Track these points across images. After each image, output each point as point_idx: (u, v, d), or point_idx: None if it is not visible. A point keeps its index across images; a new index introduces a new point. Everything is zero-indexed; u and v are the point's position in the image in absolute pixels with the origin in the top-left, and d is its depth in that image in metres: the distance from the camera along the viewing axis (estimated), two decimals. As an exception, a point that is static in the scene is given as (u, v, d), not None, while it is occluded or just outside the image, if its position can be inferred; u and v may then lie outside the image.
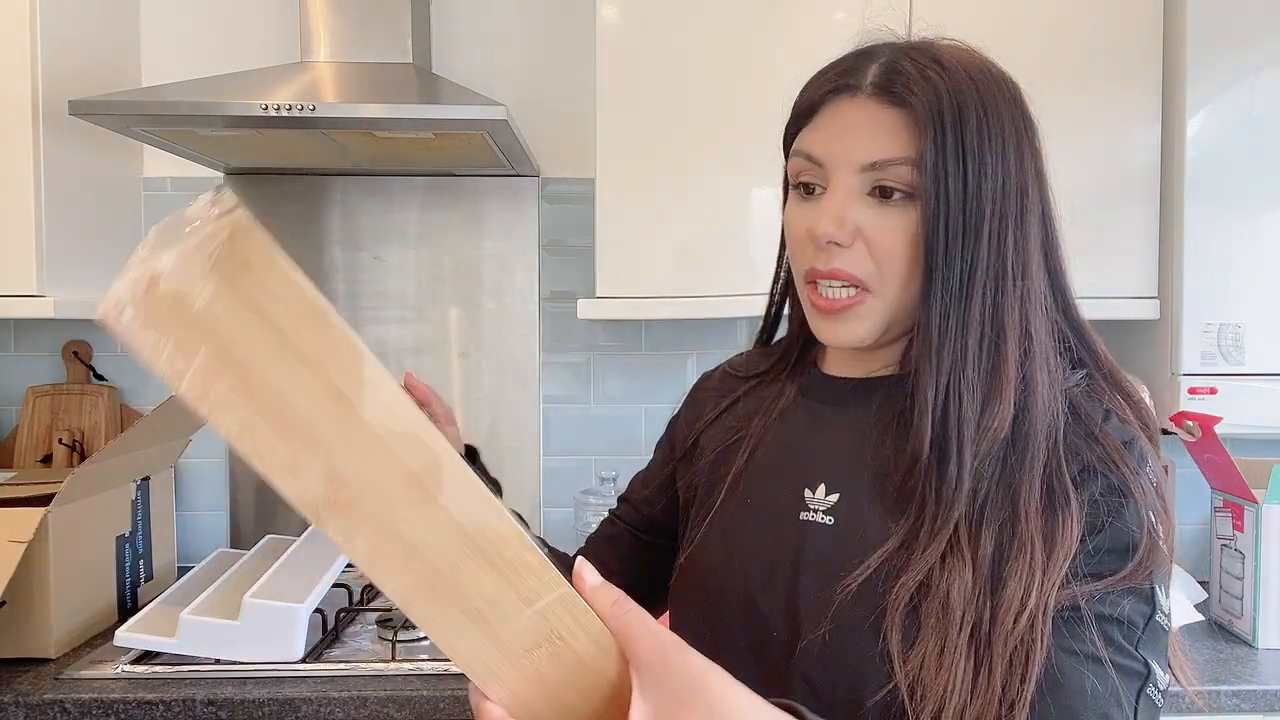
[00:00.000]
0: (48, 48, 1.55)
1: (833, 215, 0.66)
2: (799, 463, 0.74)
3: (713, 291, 1.59)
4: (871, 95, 0.66)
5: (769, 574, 0.70)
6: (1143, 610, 0.62)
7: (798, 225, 0.70)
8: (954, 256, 0.64)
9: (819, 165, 0.68)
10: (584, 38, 1.81)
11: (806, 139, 0.70)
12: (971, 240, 0.64)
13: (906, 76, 0.65)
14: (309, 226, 1.89)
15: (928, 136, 0.64)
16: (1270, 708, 1.32)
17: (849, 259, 0.67)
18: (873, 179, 0.66)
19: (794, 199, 0.72)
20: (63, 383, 1.87)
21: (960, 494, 0.62)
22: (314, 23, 1.66)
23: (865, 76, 0.67)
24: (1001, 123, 0.66)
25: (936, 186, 0.64)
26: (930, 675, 0.58)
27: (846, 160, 0.67)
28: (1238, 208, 1.58)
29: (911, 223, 0.66)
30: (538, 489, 1.93)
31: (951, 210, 0.64)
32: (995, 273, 0.65)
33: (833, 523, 0.69)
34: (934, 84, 0.65)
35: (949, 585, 0.60)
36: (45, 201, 1.55)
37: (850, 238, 0.66)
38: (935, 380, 0.64)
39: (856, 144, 0.66)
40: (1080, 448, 0.64)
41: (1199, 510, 1.81)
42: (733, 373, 0.88)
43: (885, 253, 0.66)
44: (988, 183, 0.64)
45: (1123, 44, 1.59)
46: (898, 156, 0.65)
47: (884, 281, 0.67)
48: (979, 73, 0.67)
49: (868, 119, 0.66)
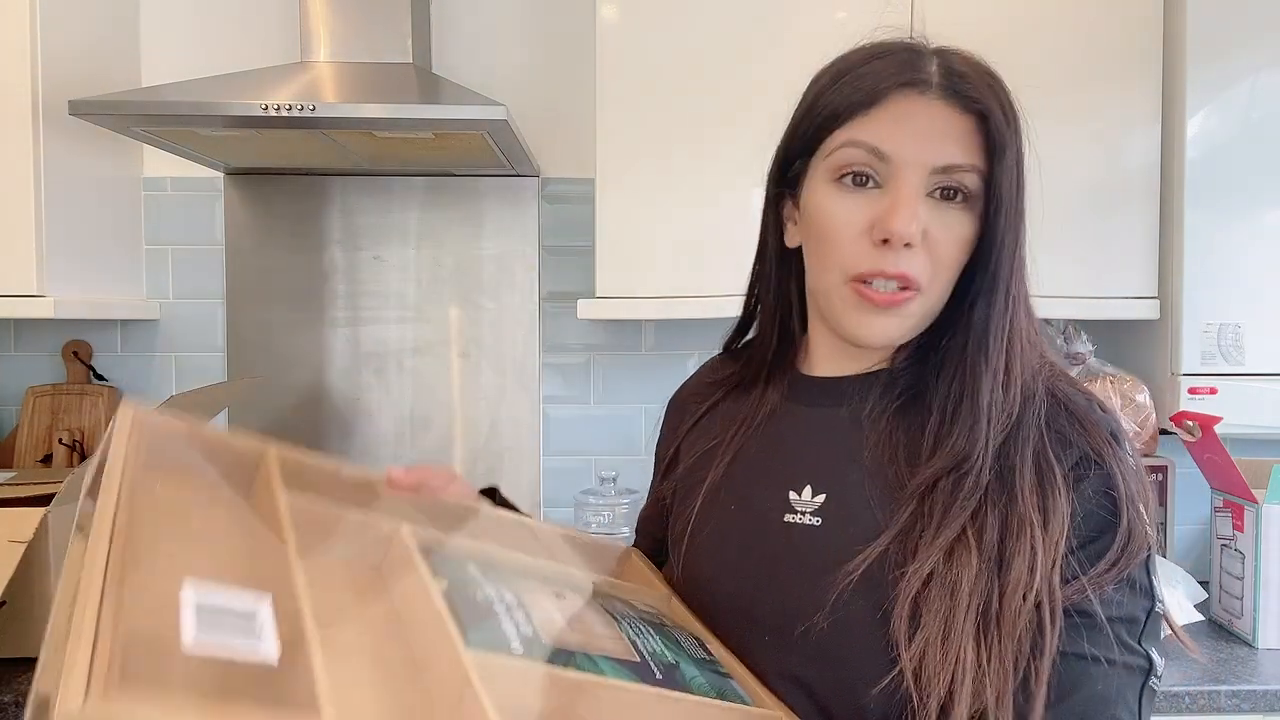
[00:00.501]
0: (48, 48, 1.55)
1: (912, 214, 0.65)
2: (784, 466, 0.73)
3: (713, 291, 1.59)
4: (940, 96, 0.66)
5: (758, 580, 0.70)
6: (1144, 605, 0.63)
7: (852, 219, 0.67)
8: (1004, 262, 0.67)
9: (884, 160, 0.66)
10: (584, 38, 1.81)
11: (869, 130, 0.67)
12: (1011, 247, 0.67)
13: (973, 82, 0.66)
14: (309, 226, 1.89)
15: (1008, 148, 0.65)
16: (1270, 708, 1.32)
17: (914, 260, 0.66)
18: (937, 181, 0.66)
19: (836, 190, 0.68)
20: (63, 383, 1.87)
21: (980, 485, 0.64)
22: (314, 23, 1.67)
23: (931, 74, 0.66)
24: (1025, 134, 0.68)
25: (1005, 195, 0.66)
26: (935, 660, 0.59)
27: (918, 160, 0.65)
28: (1238, 208, 1.58)
29: (968, 228, 0.67)
30: (538, 489, 1.92)
31: (1007, 219, 0.66)
32: (1017, 278, 0.68)
33: (820, 523, 0.69)
34: (996, 94, 0.66)
35: (959, 573, 0.61)
36: (45, 201, 1.55)
37: (920, 239, 0.66)
38: (993, 384, 0.66)
39: (930, 145, 0.65)
40: (1064, 429, 0.65)
41: (1199, 510, 1.81)
42: (707, 380, 0.87)
43: (944, 256, 0.67)
44: (1023, 192, 0.68)
45: (1123, 44, 1.59)
46: (968, 164, 0.66)
47: (932, 283, 0.67)
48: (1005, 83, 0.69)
49: (941, 121, 0.66)
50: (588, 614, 0.60)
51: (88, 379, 1.87)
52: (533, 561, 0.67)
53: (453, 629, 0.45)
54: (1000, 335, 0.67)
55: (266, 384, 1.88)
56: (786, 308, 0.78)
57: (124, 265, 1.83)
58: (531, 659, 0.48)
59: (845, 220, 0.67)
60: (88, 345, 1.88)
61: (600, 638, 0.56)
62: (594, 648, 0.54)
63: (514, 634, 0.50)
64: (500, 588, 0.55)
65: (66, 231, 1.61)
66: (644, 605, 0.70)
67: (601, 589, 0.69)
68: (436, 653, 0.44)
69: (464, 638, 0.44)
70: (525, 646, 0.49)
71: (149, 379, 1.90)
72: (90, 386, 1.86)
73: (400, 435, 1.91)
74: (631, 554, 0.83)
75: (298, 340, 1.90)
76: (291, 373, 1.90)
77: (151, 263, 1.89)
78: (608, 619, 0.61)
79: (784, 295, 0.78)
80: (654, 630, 0.63)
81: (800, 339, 0.80)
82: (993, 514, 0.63)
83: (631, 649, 0.57)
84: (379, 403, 1.91)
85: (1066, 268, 1.60)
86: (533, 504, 1.92)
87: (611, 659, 0.54)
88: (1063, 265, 1.59)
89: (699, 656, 0.63)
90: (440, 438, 1.91)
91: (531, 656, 0.49)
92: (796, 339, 0.80)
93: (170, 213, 1.89)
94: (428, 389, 1.91)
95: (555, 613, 0.56)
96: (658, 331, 1.92)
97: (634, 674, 0.53)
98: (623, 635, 0.58)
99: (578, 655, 0.51)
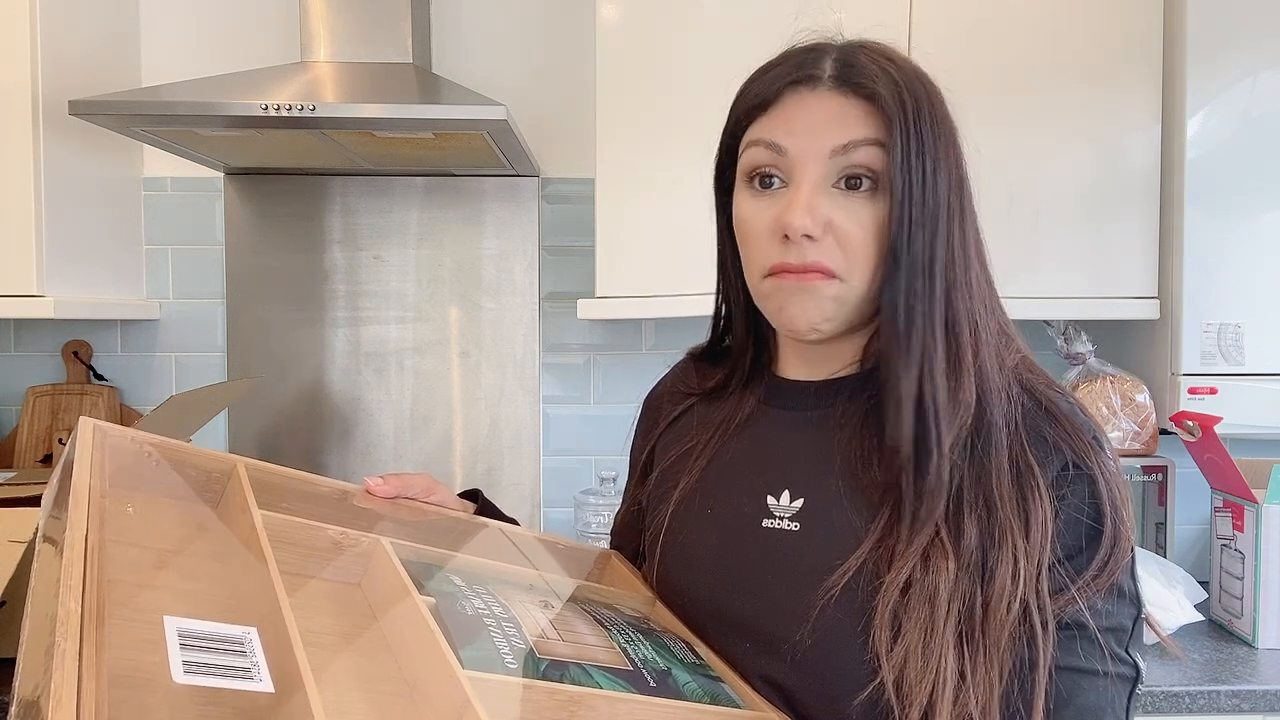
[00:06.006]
0: (48, 48, 1.55)
1: (804, 206, 0.64)
2: (761, 471, 0.73)
3: (713, 291, 1.59)
4: (832, 87, 0.66)
5: (735, 585, 0.69)
6: (1130, 612, 0.63)
7: (759, 220, 0.68)
8: (917, 246, 0.64)
9: (782, 154, 0.67)
10: (584, 38, 1.81)
11: (767, 127, 0.68)
12: (930, 230, 0.64)
13: (865, 69, 0.65)
14: (309, 226, 1.89)
15: (895, 125, 0.63)
16: (1270, 708, 1.32)
17: (821, 251, 0.65)
18: (840, 165, 0.65)
19: (748, 194, 0.70)
20: (63, 383, 1.87)
21: (942, 486, 0.62)
22: (314, 23, 1.67)
23: (823, 69, 0.67)
24: (946, 121, 0.67)
25: (904, 175, 0.63)
26: (915, 669, 0.58)
27: (813, 147, 0.65)
28: (1238, 208, 1.58)
29: (878, 214, 0.65)
30: (538, 489, 1.92)
31: (914, 199, 0.64)
32: (948, 263, 0.65)
33: (798, 528, 0.68)
34: (893, 77, 0.65)
35: (936, 579, 0.60)
36: (45, 201, 1.55)
37: (822, 230, 0.65)
38: (909, 370, 0.64)
39: (822, 131, 0.65)
40: (1042, 428, 0.64)
41: (1199, 510, 1.81)
42: (684, 382, 0.86)
43: (854, 244, 0.65)
44: (941, 175, 0.65)
45: (1123, 44, 1.59)
46: (865, 137, 0.64)
47: (850, 272, 0.66)
48: (921, 72, 0.68)
49: (833, 107, 0.66)
50: (576, 622, 0.60)
51: (88, 379, 1.87)
52: (515, 570, 0.66)
53: (447, 649, 0.44)
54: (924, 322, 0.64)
55: (266, 384, 1.88)
56: (755, 312, 0.77)
57: (124, 265, 1.83)
58: (527, 675, 0.48)
59: (755, 221, 0.69)
60: (88, 345, 1.88)
61: (592, 647, 0.56)
62: (587, 658, 0.54)
63: (507, 649, 0.50)
64: (488, 600, 0.55)
65: (66, 231, 1.61)
66: (629, 609, 0.70)
67: (586, 595, 0.69)
68: (432, 673, 0.44)
69: (459, 657, 0.44)
70: (519, 661, 0.49)
71: (149, 379, 1.90)
72: (90, 386, 1.87)
73: (400, 435, 1.91)
74: (611, 557, 0.83)
75: (298, 340, 1.90)
76: (291, 373, 1.90)
77: (151, 263, 1.89)
78: (596, 626, 0.61)
79: (750, 301, 0.77)
80: (643, 636, 0.63)
81: (773, 343, 0.79)
82: (970, 518, 0.62)
83: (623, 657, 0.57)
84: (379, 403, 1.91)
85: (1067, 268, 1.60)
86: (533, 504, 1.92)
87: (605, 669, 0.53)
88: (1063, 265, 1.59)
89: (689, 661, 0.63)
90: (440, 438, 1.91)
91: (527, 672, 0.48)
92: (770, 343, 0.79)
93: (170, 213, 1.89)
94: (428, 389, 1.91)
95: (545, 623, 0.56)
96: (658, 331, 1.92)
97: (629, 683, 0.53)
98: (614, 644, 0.58)
99: (571, 667, 0.51)
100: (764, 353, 0.80)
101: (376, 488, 0.73)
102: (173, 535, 0.49)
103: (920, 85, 0.66)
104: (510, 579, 0.65)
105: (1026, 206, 1.60)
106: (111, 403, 1.86)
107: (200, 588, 0.44)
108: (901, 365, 0.64)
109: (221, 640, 0.39)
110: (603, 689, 0.51)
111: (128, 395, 1.90)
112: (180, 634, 0.38)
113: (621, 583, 0.78)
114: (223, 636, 0.39)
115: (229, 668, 0.37)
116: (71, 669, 0.33)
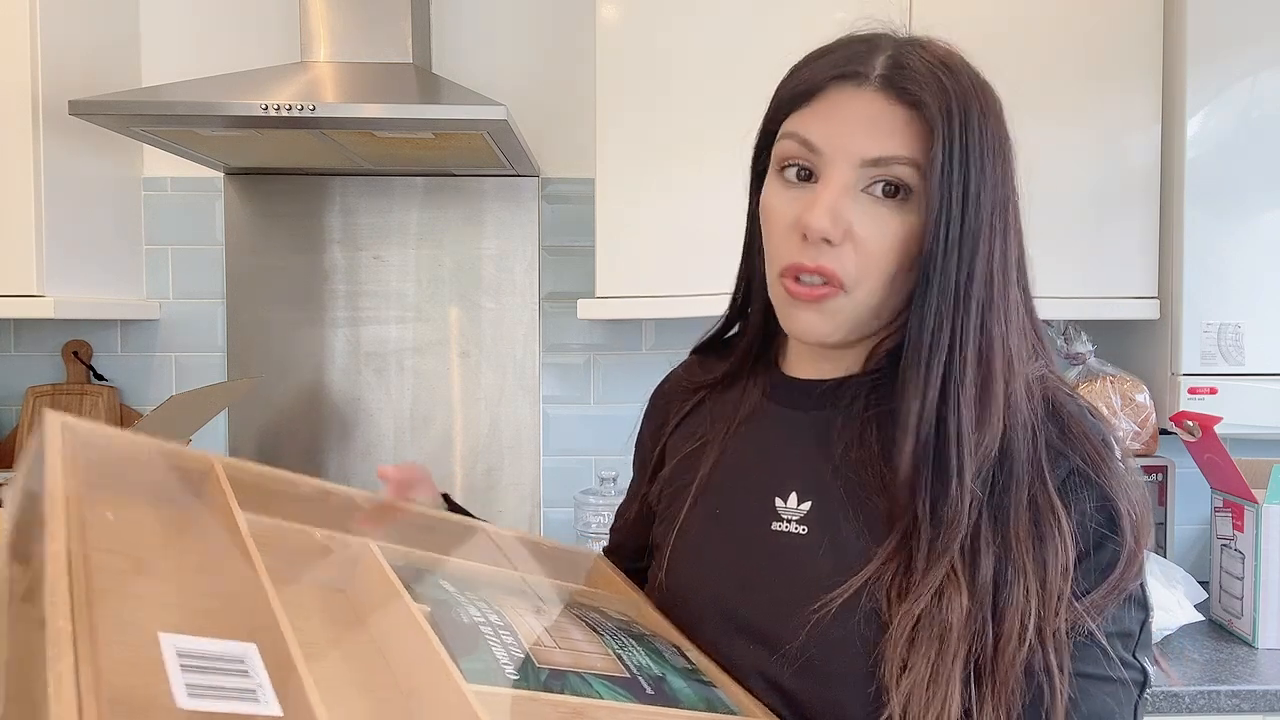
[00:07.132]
0: (48, 48, 1.55)
1: (826, 209, 0.63)
2: (768, 469, 0.72)
3: (713, 291, 1.58)
4: (879, 88, 0.63)
5: (744, 587, 0.69)
6: (1139, 617, 0.62)
7: (784, 212, 0.66)
8: (952, 265, 0.61)
9: (815, 152, 0.65)
10: (584, 38, 1.81)
11: (803, 121, 0.66)
12: (970, 250, 0.62)
13: (916, 74, 0.62)
14: (309, 226, 1.89)
15: (938, 139, 0.61)
16: (1270, 708, 1.32)
17: (836, 256, 0.63)
18: (871, 175, 0.63)
19: (778, 183, 0.68)
20: (63, 383, 1.87)
21: (962, 517, 0.60)
22: (314, 23, 1.67)
23: (872, 67, 0.64)
24: (999, 134, 0.64)
25: (943, 191, 0.61)
26: (920, 703, 0.57)
27: (846, 152, 0.63)
28: (1238, 208, 1.58)
29: (905, 226, 0.63)
30: (538, 489, 1.92)
31: (953, 217, 0.61)
32: (987, 285, 0.63)
33: (806, 532, 0.68)
34: (944, 85, 0.62)
35: (949, 615, 0.59)
36: (45, 201, 1.55)
37: (841, 235, 0.63)
38: (923, 395, 0.62)
39: (859, 137, 0.63)
40: (1061, 448, 0.63)
41: (1199, 510, 1.81)
42: (689, 377, 0.85)
43: (873, 254, 0.63)
44: (986, 193, 0.62)
45: (1123, 44, 1.59)
46: (900, 155, 0.62)
47: (860, 282, 0.64)
48: (979, 80, 0.65)
49: (874, 112, 0.63)
50: (570, 628, 0.59)
51: (88, 379, 1.87)
52: (505, 574, 0.66)
53: (448, 661, 0.43)
54: (951, 346, 0.62)
55: (265, 384, 1.88)
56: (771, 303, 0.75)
57: (124, 265, 1.83)
58: (528, 686, 0.48)
59: (780, 213, 0.67)
60: (88, 345, 1.88)
61: (588, 654, 0.56)
62: (584, 666, 0.54)
63: (506, 658, 0.49)
64: (483, 607, 0.55)
65: (66, 231, 1.61)
66: (616, 613, 0.70)
67: (576, 599, 0.68)
68: (434, 685, 0.43)
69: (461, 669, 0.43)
70: (519, 671, 0.49)
71: (149, 379, 1.90)
72: (90, 386, 1.87)
73: (400, 435, 1.91)
74: (597, 560, 0.83)
75: (298, 340, 1.90)
76: (291, 373, 1.90)
77: (151, 263, 1.89)
78: (589, 632, 0.61)
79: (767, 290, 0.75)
80: (635, 641, 0.63)
81: (782, 337, 0.78)
82: (987, 552, 0.60)
83: (619, 664, 0.57)
84: (379, 403, 1.91)
85: (1066, 268, 1.60)
86: (533, 504, 1.92)
87: (603, 677, 0.53)
88: (1063, 265, 1.59)
89: (682, 666, 0.63)
90: (440, 438, 1.91)
91: (528, 682, 0.48)
92: (779, 335, 0.78)
93: (170, 213, 1.89)
94: (428, 389, 1.91)
95: (540, 630, 0.56)
96: (658, 331, 1.92)
97: (627, 692, 0.53)
98: (608, 650, 0.58)
99: (570, 676, 0.51)
100: (773, 342, 0.79)
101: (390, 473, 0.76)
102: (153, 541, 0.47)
103: (974, 96, 0.63)
104: (502, 583, 0.64)
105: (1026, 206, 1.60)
106: (111, 403, 1.86)
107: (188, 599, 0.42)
108: (915, 389, 0.62)
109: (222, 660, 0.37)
110: (603, 699, 0.50)
111: (128, 395, 1.90)
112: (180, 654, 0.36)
113: (608, 586, 0.78)
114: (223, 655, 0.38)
115: (233, 689, 0.36)
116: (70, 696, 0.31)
